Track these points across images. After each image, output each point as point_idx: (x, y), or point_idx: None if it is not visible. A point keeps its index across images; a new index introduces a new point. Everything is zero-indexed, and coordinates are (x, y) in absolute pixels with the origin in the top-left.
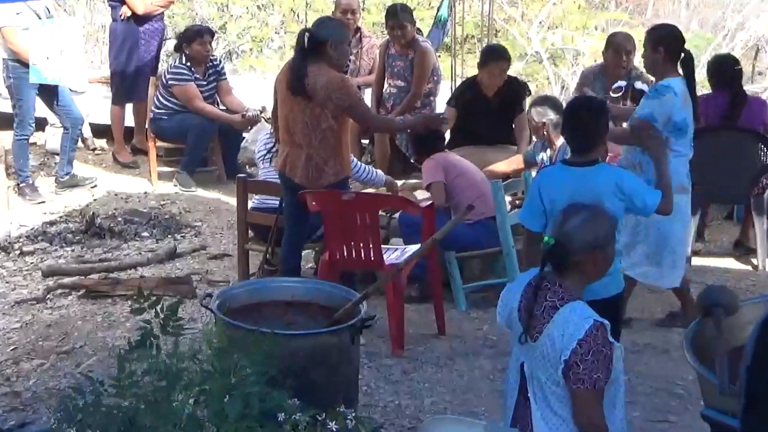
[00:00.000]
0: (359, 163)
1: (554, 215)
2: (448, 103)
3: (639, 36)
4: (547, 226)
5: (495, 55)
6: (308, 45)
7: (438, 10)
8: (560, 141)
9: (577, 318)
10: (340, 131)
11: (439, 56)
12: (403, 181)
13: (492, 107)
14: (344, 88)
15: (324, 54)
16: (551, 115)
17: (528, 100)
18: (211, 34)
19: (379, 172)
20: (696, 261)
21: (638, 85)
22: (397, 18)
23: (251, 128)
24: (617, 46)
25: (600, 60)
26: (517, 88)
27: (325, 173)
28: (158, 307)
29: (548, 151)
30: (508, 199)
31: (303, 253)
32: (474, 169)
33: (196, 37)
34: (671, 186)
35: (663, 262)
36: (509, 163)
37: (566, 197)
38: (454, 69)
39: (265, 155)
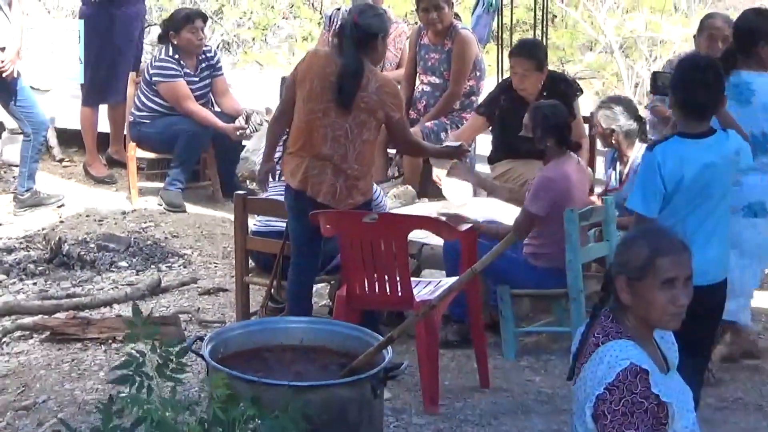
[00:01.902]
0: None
1: (676, 196)
2: (477, 109)
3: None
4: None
5: (517, 51)
6: (358, 39)
7: None
8: (633, 152)
9: (611, 358)
10: (375, 143)
11: (484, 47)
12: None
13: None
14: (398, 96)
15: (373, 50)
16: (622, 121)
17: (594, 102)
18: (204, 19)
19: (386, 199)
20: None
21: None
22: None
23: (252, 135)
24: (713, 29)
25: (682, 49)
26: (564, 90)
27: (356, 191)
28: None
29: (618, 165)
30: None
31: (315, 288)
32: (582, 201)
33: (185, 24)
34: None
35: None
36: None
37: (695, 172)
38: (500, 63)
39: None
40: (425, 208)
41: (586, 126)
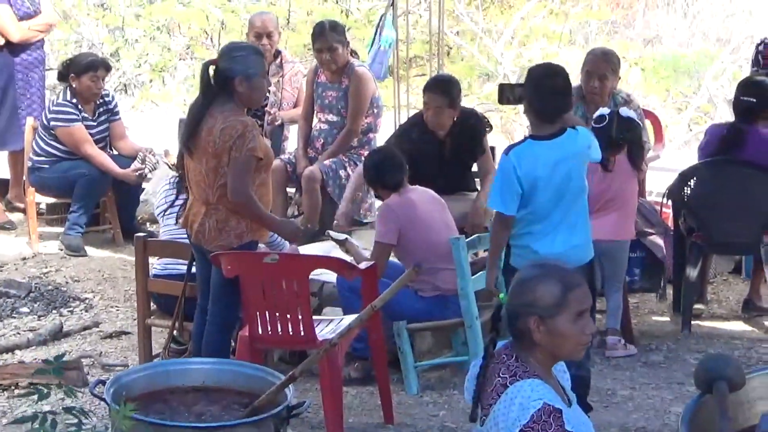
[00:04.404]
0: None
1: (535, 193)
2: (387, 143)
3: (625, 51)
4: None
5: (431, 87)
6: (214, 81)
7: (378, 30)
8: None
9: (523, 399)
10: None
11: (378, 83)
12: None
13: (445, 151)
14: (242, 138)
15: (233, 92)
16: None
17: (497, 137)
18: (107, 69)
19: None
20: (697, 325)
21: (624, 112)
22: (325, 38)
23: (150, 176)
24: (590, 66)
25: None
26: (474, 124)
27: (225, 234)
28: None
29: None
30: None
31: None
32: (442, 226)
33: (87, 71)
34: None
35: None
36: None
37: (548, 171)
38: (397, 98)
39: (165, 210)
40: (325, 246)
41: None
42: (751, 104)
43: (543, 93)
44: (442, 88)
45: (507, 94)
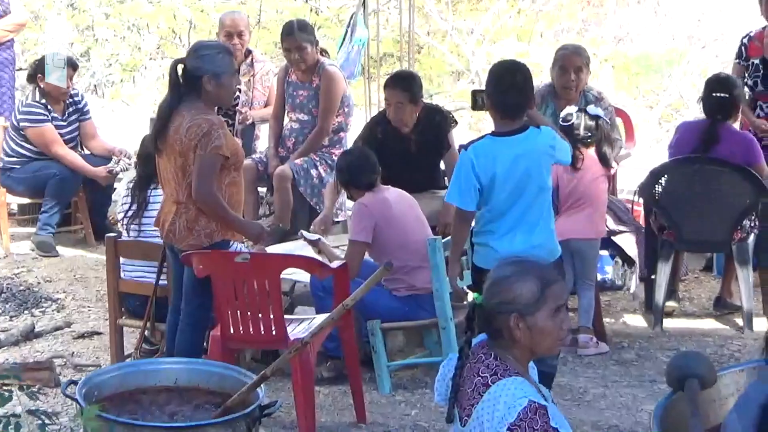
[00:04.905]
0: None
1: (494, 190)
2: (354, 144)
3: (596, 48)
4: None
5: (392, 83)
6: (182, 80)
7: (349, 29)
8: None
9: (508, 398)
10: (214, 183)
11: (350, 82)
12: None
13: (410, 147)
14: (207, 136)
15: (200, 91)
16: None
17: (466, 134)
18: (74, 67)
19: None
20: (668, 323)
21: (591, 110)
22: (294, 38)
23: (121, 176)
24: (564, 61)
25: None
26: (439, 121)
27: (195, 232)
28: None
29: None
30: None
31: None
32: (417, 225)
33: None
34: None
35: None
36: None
37: (507, 167)
38: (368, 96)
39: (121, 219)
40: (296, 245)
41: None
42: (724, 100)
43: (503, 89)
44: (402, 84)
45: (479, 99)
